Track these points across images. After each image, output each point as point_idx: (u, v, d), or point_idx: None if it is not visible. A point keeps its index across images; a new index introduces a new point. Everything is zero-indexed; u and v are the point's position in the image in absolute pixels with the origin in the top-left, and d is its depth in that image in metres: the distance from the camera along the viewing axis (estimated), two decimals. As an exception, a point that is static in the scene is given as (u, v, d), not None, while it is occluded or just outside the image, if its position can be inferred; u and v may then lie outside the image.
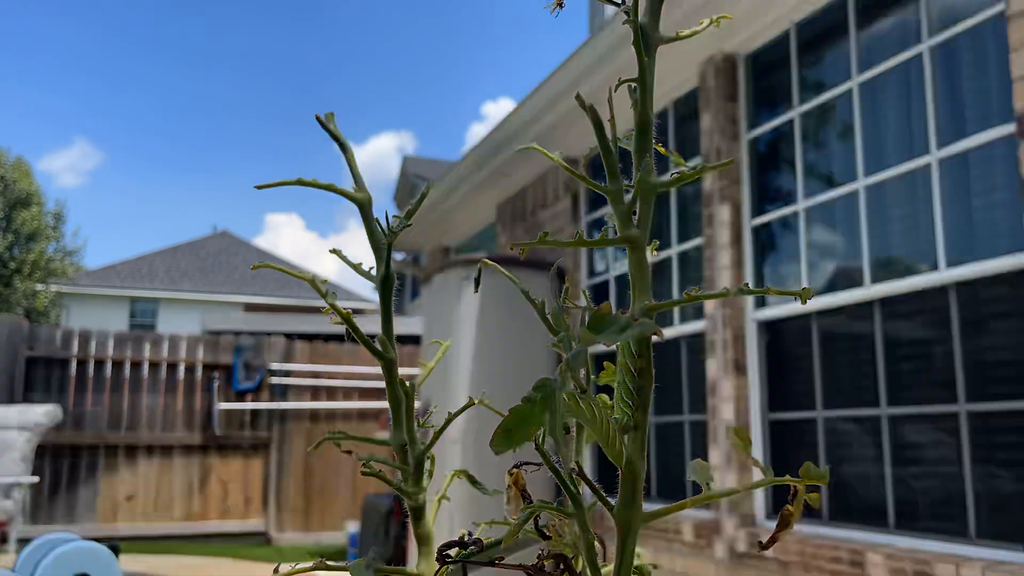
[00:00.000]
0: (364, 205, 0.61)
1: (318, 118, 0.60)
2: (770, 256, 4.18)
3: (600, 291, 5.59)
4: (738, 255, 4.16)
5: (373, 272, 0.62)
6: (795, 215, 3.98)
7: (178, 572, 6.32)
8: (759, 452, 4.01)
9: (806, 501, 0.50)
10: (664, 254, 4.87)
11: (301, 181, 0.58)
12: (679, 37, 0.54)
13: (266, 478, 8.81)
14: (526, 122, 5.53)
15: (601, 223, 5.53)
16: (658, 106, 5.01)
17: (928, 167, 3.30)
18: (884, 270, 3.48)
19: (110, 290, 26.09)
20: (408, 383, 0.62)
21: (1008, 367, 2.96)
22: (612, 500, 0.51)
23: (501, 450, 0.45)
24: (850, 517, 3.55)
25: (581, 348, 0.45)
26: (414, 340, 9.89)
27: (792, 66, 4.04)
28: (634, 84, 0.52)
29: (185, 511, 8.49)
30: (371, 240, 0.61)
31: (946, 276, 3.16)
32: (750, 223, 4.19)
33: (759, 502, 3.97)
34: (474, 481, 0.66)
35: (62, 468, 8.07)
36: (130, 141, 62.55)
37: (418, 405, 0.61)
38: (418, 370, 0.71)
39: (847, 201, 3.70)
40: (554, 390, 0.44)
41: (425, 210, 7.58)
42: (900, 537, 3.25)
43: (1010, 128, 2.96)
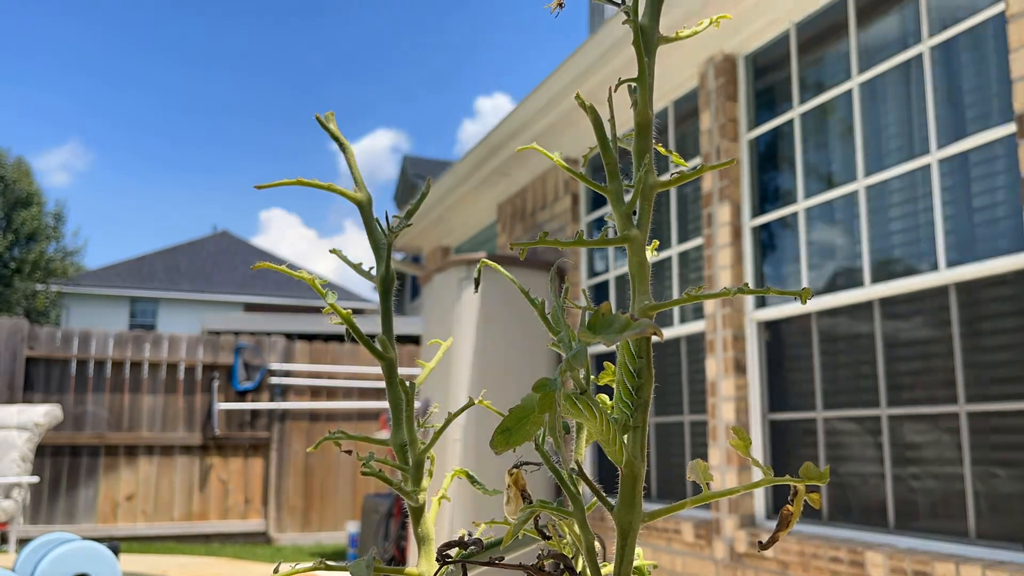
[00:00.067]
0: (364, 205, 0.61)
1: (318, 118, 0.60)
2: (770, 256, 4.18)
3: (600, 291, 5.59)
4: (738, 255, 4.16)
5: (373, 272, 0.62)
6: (795, 215, 3.98)
7: (178, 572, 6.32)
8: (759, 452, 4.01)
9: (806, 501, 0.50)
10: (664, 254, 4.86)
11: (301, 181, 0.58)
12: (679, 37, 0.54)
13: (266, 478, 8.81)
14: (526, 122, 5.52)
15: (601, 223, 5.53)
16: (658, 106, 5.01)
17: (928, 167, 3.30)
18: (884, 270, 3.48)
19: (110, 290, 26.11)
20: (408, 383, 0.62)
21: (1008, 367, 2.96)
22: (612, 500, 0.51)
23: (501, 450, 0.45)
24: (850, 517, 3.55)
25: (581, 348, 0.45)
26: (414, 340, 9.89)
27: (792, 66, 4.04)
28: (634, 84, 0.52)
29: (185, 511, 8.49)
30: (371, 240, 0.61)
31: (946, 276, 3.16)
32: (750, 223, 4.19)
33: (759, 502, 3.97)
34: (474, 481, 0.66)
35: (62, 468, 8.08)
36: (130, 141, 62.59)
37: (418, 405, 0.61)
38: (418, 370, 0.71)
39: (847, 201, 3.70)
40: (554, 390, 0.44)
41: (425, 210, 7.58)
42: (900, 537, 3.26)
43: (1010, 128, 2.96)
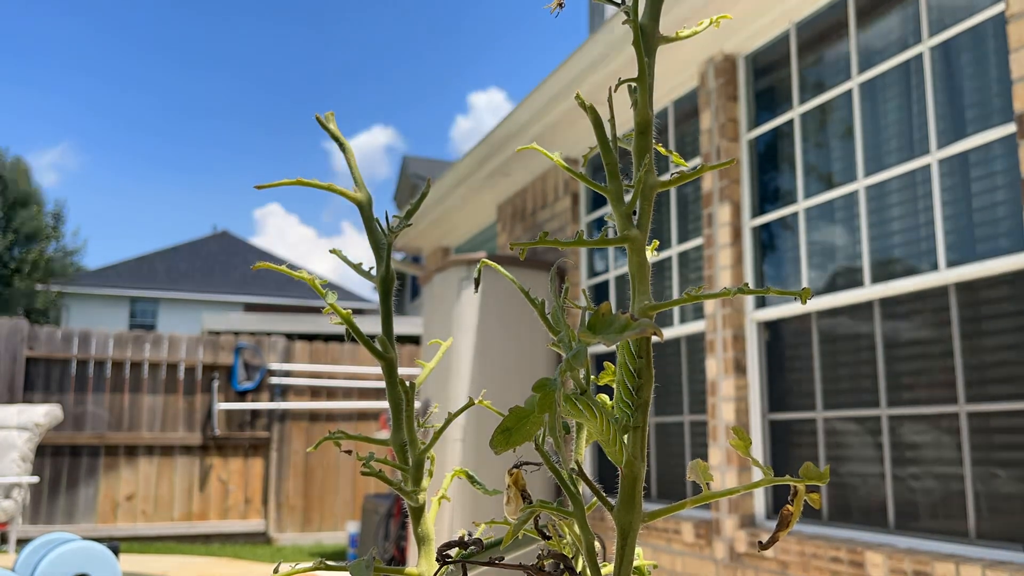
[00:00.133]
0: (364, 205, 0.61)
1: (318, 118, 0.60)
2: (770, 256, 4.18)
3: (600, 291, 5.59)
4: (738, 255, 4.16)
5: (373, 272, 0.62)
6: (795, 215, 3.98)
7: (178, 572, 6.32)
8: (759, 452, 4.01)
9: (806, 501, 0.50)
10: (664, 254, 4.86)
11: (301, 181, 0.58)
12: (679, 37, 0.54)
13: (266, 478, 8.82)
14: (526, 122, 5.52)
15: (601, 223, 5.53)
16: (658, 106, 5.01)
17: (928, 167, 3.30)
18: (884, 270, 3.48)
19: (110, 290, 26.10)
20: (408, 383, 0.62)
21: (1008, 367, 2.96)
22: (612, 500, 0.51)
23: (501, 450, 0.45)
24: (850, 517, 3.55)
25: (581, 348, 0.45)
26: (414, 340, 9.90)
27: (792, 66, 4.04)
28: (634, 84, 0.52)
29: (185, 511, 8.49)
30: (371, 240, 0.61)
31: (946, 276, 3.16)
32: (750, 223, 4.19)
33: (759, 502, 3.97)
34: (474, 481, 0.66)
35: (62, 468, 8.08)
36: (129, 141, 62.62)
37: (418, 405, 0.61)
38: (418, 370, 0.71)
39: (847, 201, 3.70)
40: (554, 390, 0.44)
41: (425, 210, 7.58)
42: (900, 537, 3.25)
43: (1010, 128, 2.96)
